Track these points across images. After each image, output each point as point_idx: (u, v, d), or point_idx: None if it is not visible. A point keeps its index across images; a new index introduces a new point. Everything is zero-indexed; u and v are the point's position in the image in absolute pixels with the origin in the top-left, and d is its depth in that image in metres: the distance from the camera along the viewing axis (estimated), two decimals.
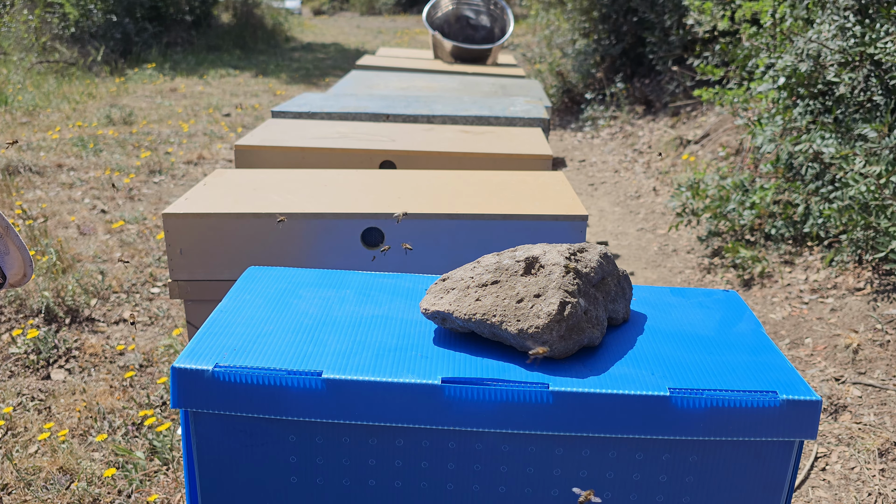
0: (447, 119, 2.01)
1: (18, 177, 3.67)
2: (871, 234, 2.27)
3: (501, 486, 0.73)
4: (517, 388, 0.70)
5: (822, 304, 2.32)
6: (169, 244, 1.27)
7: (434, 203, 1.32)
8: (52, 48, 6.80)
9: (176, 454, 1.67)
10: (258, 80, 7.10)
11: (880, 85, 2.42)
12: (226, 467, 0.75)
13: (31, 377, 2.00)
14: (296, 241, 1.28)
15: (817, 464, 1.69)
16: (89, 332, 2.22)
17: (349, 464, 0.73)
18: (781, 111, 2.71)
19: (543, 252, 0.82)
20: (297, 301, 0.87)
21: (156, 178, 3.83)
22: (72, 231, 3.01)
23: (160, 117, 5.21)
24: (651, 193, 3.73)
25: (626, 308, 0.85)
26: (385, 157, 1.67)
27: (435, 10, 3.97)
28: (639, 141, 4.55)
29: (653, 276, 2.76)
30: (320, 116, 2.02)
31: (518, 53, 7.63)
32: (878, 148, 2.23)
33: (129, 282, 2.55)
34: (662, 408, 0.69)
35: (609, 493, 0.73)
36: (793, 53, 2.62)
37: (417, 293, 0.91)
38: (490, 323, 0.75)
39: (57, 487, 1.57)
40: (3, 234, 0.77)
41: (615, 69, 5.59)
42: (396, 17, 15.41)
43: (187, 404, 0.72)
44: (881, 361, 1.99)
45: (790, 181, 2.70)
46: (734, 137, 3.70)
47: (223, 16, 10.20)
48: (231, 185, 1.41)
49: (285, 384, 0.70)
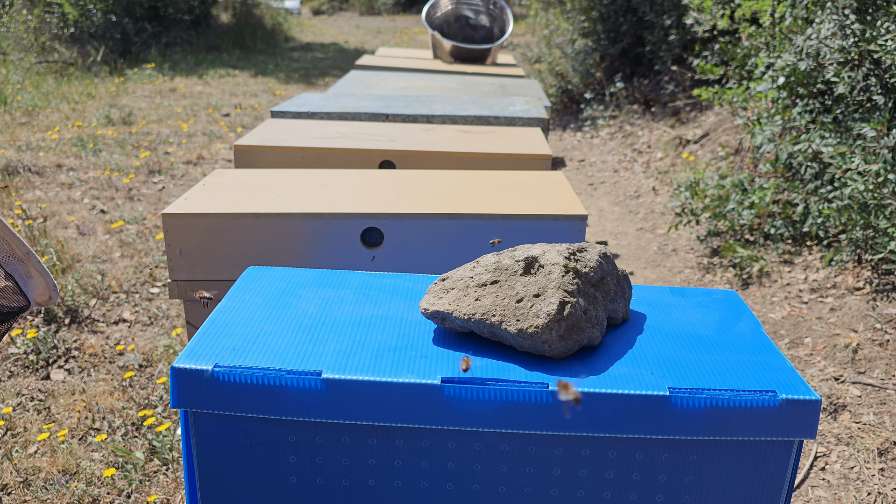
0: (446, 119, 2.01)
1: (18, 177, 3.67)
2: (871, 234, 2.27)
3: (501, 486, 0.73)
4: (517, 387, 0.70)
5: (822, 304, 2.32)
6: (168, 244, 1.27)
7: (433, 203, 1.32)
8: (52, 48, 6.79)
9: (175, 454, 1.67)
10: (257, 79, 7.10)
11: (879, 84, 2.42)
12: (225, 467, 0.75)
13: (30, 377, 2.00)
14: (295, 241, 1.28)
15: (817, 463, 1.69)
16: (89, 333, 2.22)
17: (349, 464, 0.73)
18: (781, 111, 2.71)
19: (543, 252, 0.82)
20: (297, 301, 0.87)
21: (155, 178, 3.83)
22: (71, 231, 3.01)
23: (159, 117, 5.21)
24: (650, 193, 3.73)
25: (626, 308, 0.85)
26: (384, 156, 1.67)
27: (434, 9, 3.97)
28: (638, 140, 4.55)
29: (652, 276, 2.76)
30: (320, 116, 2.02)
31: (517, 53, 7.63)
32: (877, 147, 2.23)
33: (129, 282, 2.55)
34: (662, 407, 0.69)
35: (609, 492, 0.73)
36: (792, 52, 2.62)
37: (417, 293, 0.91)
38: (489, 323, 0.75)
39: (56, 487, 1.57)
40: (24, 259, 0.77)
41: (614, 69, 5.59)
42: (396, 16, 15.41)
43: (187, 404, 0.72)
44: (880, 361, 1.99)
45: (789, 181, 2.70)
46: (733, 137, 3.70)
47: (222, 16, 10.20)
48: (230, 185, 1.41)
49: (285, 384, 0.70)
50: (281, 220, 1.26)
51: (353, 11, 16.55)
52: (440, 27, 3.95)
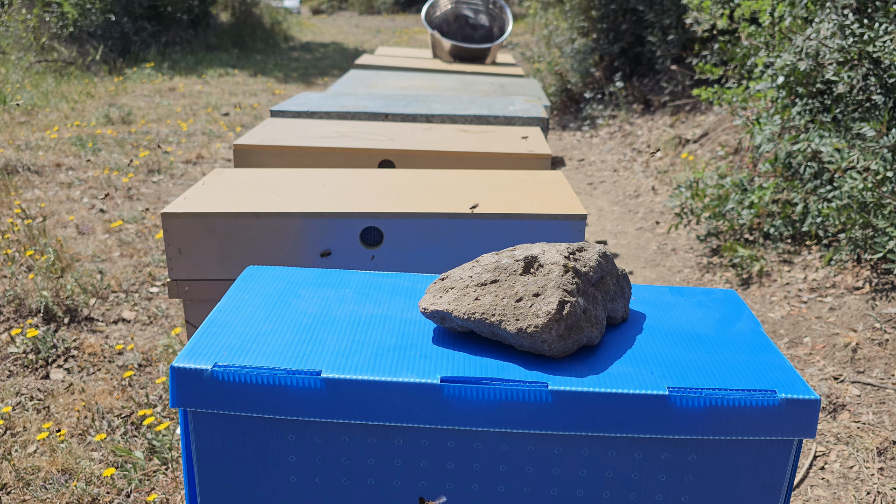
0: (446, 118, 2.01)
1: (17, 176, 3.66)
2: (870, 234, 2.28)
3: (500, 486, 0.73)
4: (516, 387, 0.70)
5: (821, 303, 2.32)
6: (168, 243, 1.27)
7: (433, 202, 1.32)
8: (51, 47, 6.79)
9: (175, 454, 1.66)
10: (257, 79, 7.10)
11: (879, 84, 2.42)
12: (225, 466, 0.75)
13: (29, 377, 2.00)
14: (295, 241, 1.28)
15: (816, 463, 1.70)
16: (88, 332, 2.22)
17: (348, 463, 0.73)
18: (780, 110, 2.71)
19: (542, 251, 0.82)
20: (296, 300, 0.87)
21: (154, 177, 3.83)
22: (70, 230, 3.01)
23: (159, 116, 5.21)
24: (650, 192, 3.73)
25: (625, 307, 0.85)
26: (384, 156, 1.67)
27: (434, 9, 3.96)
28: (637, 140, 4.55)
29: (652, 276, 2.76)
30: (319, 116, 2.02)
31: (517, 53, 7.63)
32: (877, 147, 2.23)
33: (128, 281, 2.55)
34: (661, 407, 0.69)
35: (608, 492, 0.73)
36: (792, 52, 2.62)
37: (416, 292, 0.91)
38: (489, 322, 0.75)
39: (56, 487, 1.57)
40: None
41: (614, 68, 5.59)
42: (395, 16, 15.40)
43: (186, 404, 0.72)
44: (880, 360, 2.00)
45: (789, 180, 2.70)
46: (733, 137, 3.70)
47: (222, 15, 10.19)
48: (230, 184, 1.41)
49: (284, 383, 0.70)
50: (280, 219, 1.26)
51: (352, 10, 16.54)
52: (440, 26, 3.95)
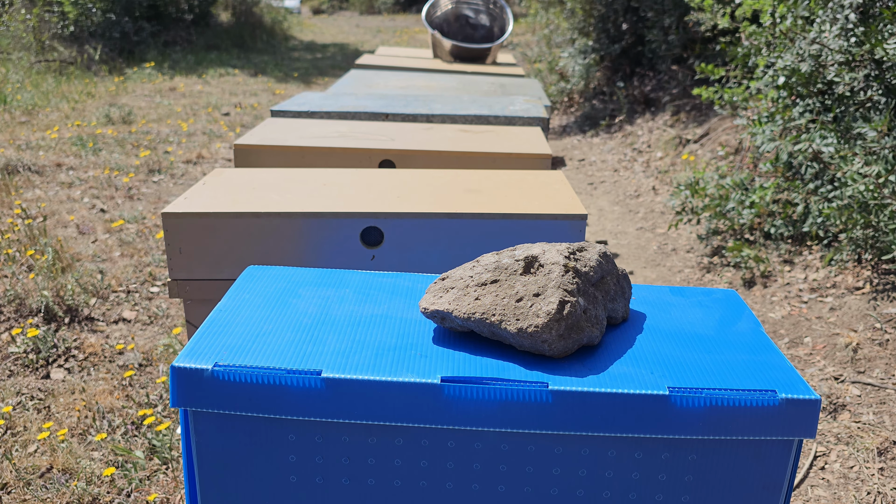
0: (446, 118, 2.01)
1: (17, 176, 3.67)
2: (871, 234, 2.27)
3: (501, 485, 0.73)
4: (516, 387, 0.70)
5: (822, 304, 2.32)
6: (168, 243, 1.27)
7: (433, 202, 1.32)
8: (51, 47, 6.79)
9: (175, 453, 1.67)
10: (257, 79, 7.10)
11: (880, 84, 2.42)
12: (225, 466, 0.75)
13: (30, 376, 2.00)
14: (295, 241, 1.28)
15: (816, 463, 1.69)
16: (88, 332, 2.22)
17: (348, 463, 0.73)
18: (781, 110, 2.71)
19: (543, 251, 0.82)
20: (297, 300, 0.87)
21: (155, 177, 3.83)
22: (71, 230, 3.01)
23: (159, 116, 5.21)
24: (650, 192, 3.73)
25: (626, 307, 0.85)
26: (384, 156, 1.67)
27: (434, 9, 3.96)
28: (638, 140, 4.55)
29: (652, 276, 2.76)
30: (319, 115, 2.02)
31: (517, 52, 7.63)
32: (878, 147, 2.23)
33: (129, 281, 2.55)
34: (662, 407, 0.69)
35: (608, 491, 0.73)
36: (793, 53, 2.62)
37: (417, 292, 0.91)
38: (489, 322, 0.75)
39: (56, 486, 1.57)
40: None
41: (614, 68, 5.59)
42: (395, 16, 15.40)
43: (187, 403, 0.72)
44: (880, 360, 2.00)
45: (789, 180, 2.70)
46: (733, 136, 3.70)
47: (222, 15, 10.19)
48: (230, 184, 1.41)
49: (285, 383, 0.70)
50: (281, 219, 1.26)
51: (352, 10, 16.54)
52: (440, 26, 3.95)
